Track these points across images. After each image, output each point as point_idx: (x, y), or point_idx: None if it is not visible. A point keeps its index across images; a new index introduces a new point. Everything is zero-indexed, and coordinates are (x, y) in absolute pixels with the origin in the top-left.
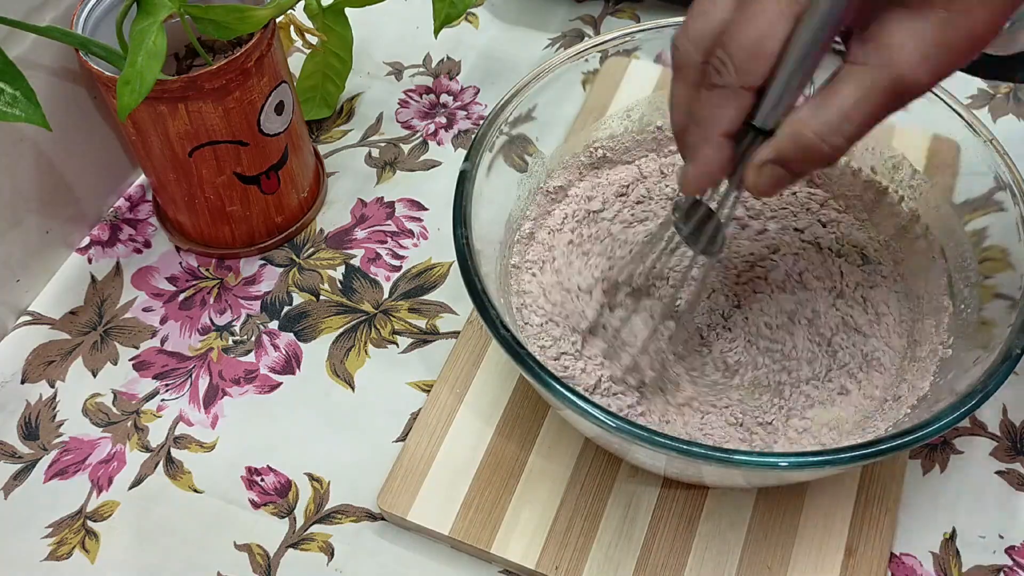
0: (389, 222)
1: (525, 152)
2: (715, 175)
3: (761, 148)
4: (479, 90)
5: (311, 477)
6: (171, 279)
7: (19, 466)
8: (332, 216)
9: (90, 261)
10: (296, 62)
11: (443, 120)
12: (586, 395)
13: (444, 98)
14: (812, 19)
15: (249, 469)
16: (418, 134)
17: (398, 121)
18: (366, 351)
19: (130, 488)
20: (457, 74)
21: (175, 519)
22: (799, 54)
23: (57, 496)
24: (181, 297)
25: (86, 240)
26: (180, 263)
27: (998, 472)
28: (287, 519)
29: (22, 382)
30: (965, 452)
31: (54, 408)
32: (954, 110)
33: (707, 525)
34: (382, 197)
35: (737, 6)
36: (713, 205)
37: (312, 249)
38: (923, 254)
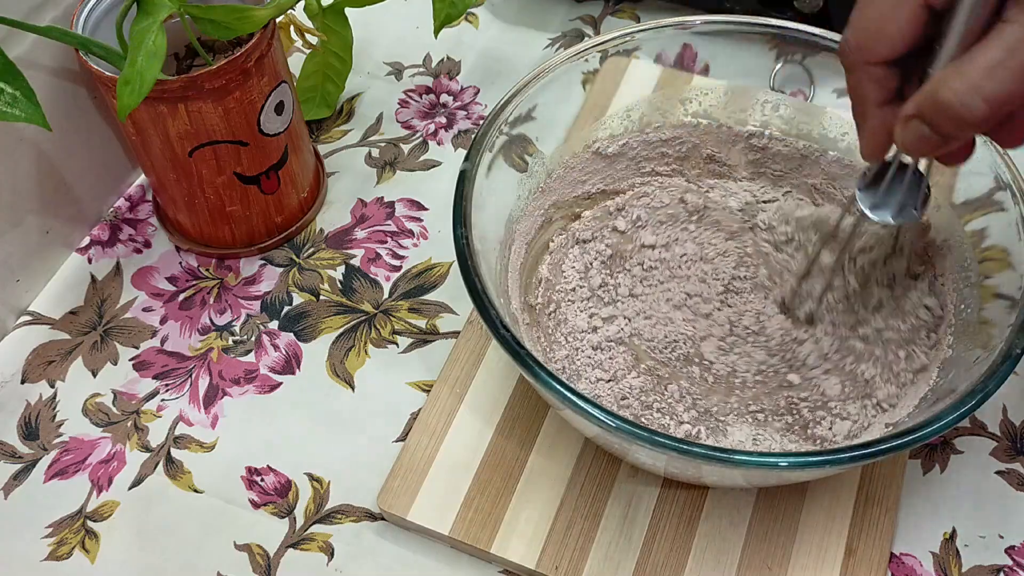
0: (389, 222)
1: (525, 152)
2: (883, 140)
3: (907, 102)
4: (479, 90)
5: (311, 477)
6: (171, 279)
7: (19, 466)
8: (332, 216)
9: (90, 261)
10: (296, 62)
11: (443, 120)
12: (587, 395)
13: (444, 98)
14: None
15: (249, 469)
16: (418, 134)
17: (398, 121)
18: (366, 351)
19: (130, 488)
20: (457, 74)
21: (175, 519)
22: (962, 15)
23: (57, 496)
24: (181, 297)
25: (86, 240)
26: (180, 263)
27: (998, 472)
28: (287, 519)
29: (22, 382)
30: (965, 452)
31: (54, 408)
32: None
33: (707, 525)
34: (382, 197)
35: None
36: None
37: (312, 249)
38: (923, 253)
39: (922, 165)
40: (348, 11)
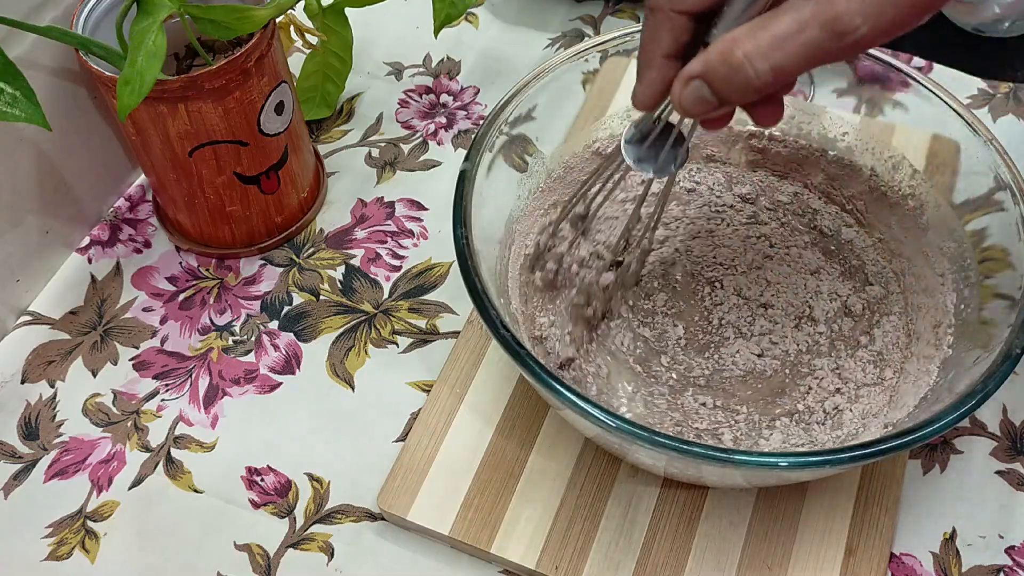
0: (389, 222)
1: (525, 152)
2: (659, 92)
3: (692, 61)
4: (479, 90)
5: (311, 477)
6: (171, 279)
7: (19, 466)
8: (332, 216)
9: (90, 261)
10: (296, 62)
11: (443, 120)
12: (586, 395)
13: (444, 98)
14: None
15: (249, 469)
16: (418, 134)
17: (398, 121)
18: (366, 351)
19: (130, 488)
20: (457, 74)
21: (175, 519)
22: None
23: (57, 496)
24: (181, 297)
25: (86, 240)
26: (180, 263)
27: (998, 472)
28: (287, 519)
29: (22, 382)
30: (965, 452)
31: (54, 408)
32: (954, 110)
33: (707, 525)
34: (382, 197)
35: None
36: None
37: (312, 249)
38: (923, 253)
39: (685, 127)
40: (348, 11)
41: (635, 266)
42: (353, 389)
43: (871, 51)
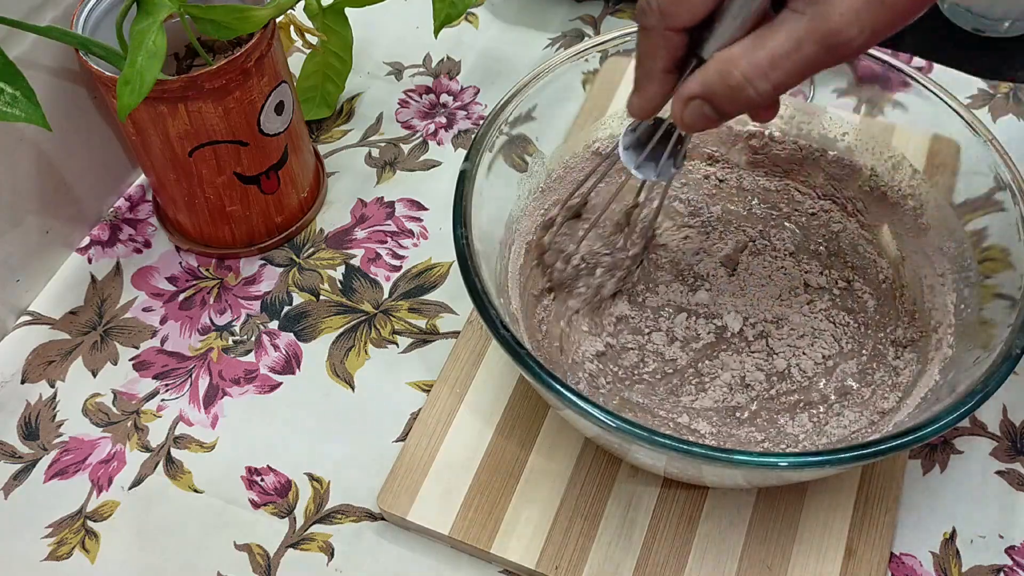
0: (389, 222)
1: (525, 152)
2: (658, 105)
3: (689, 81)
4: (479, 90)
5: (311, 477)
6: (171, 279)
7: (19, 466)
8: (332, 216)
9: (90, 261)
10: (296, 62)
11: (443, 120)
12: (586, 395)
13: (444, 98)
14: None
15: (249, 469)
16: (418, 134)
17: (398, 121)
18: (366, 351)
19: (130, 488)
20: (457, 74)
21: (175, 519)
22: None
23: (57, 496)
24: (181, 297)
25: (86, 240)
26: (180, 263)
27: (998, 472)
28: (287, 519)
29: (22, 382)
30: (965, 452)
31: (54, 408)
32: (954, 110)
33: (707, 525)
34: (382, 197)
35: None
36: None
37: (312, 249)
38: (923, 253)
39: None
40: (348, 11)
41: (636, 252)
42: (353, 389)
43: (871, 51)
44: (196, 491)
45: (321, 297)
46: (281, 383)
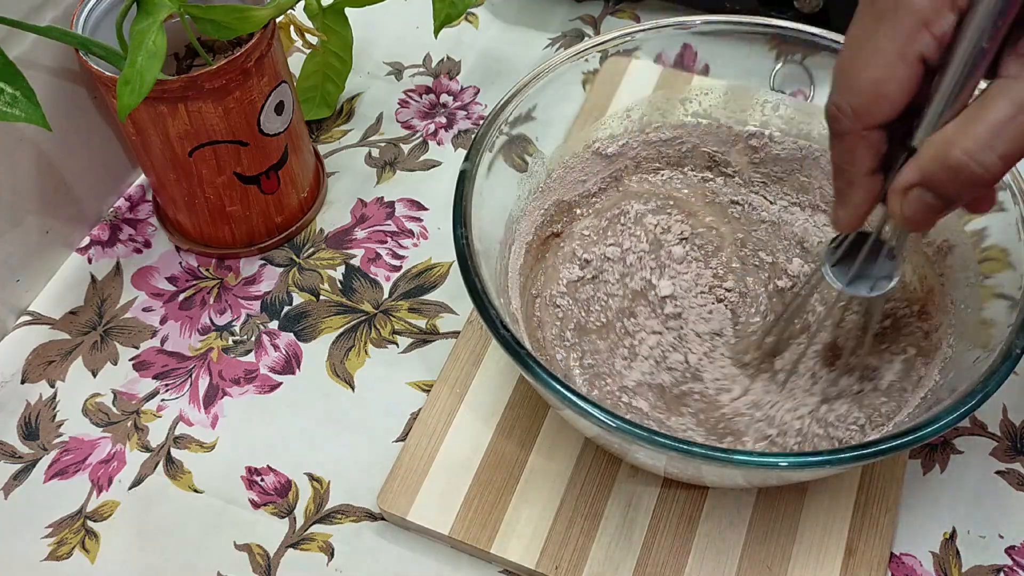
0: (389, 222)
1: (525, 152)
2: (866, 211)
3: (903, 172)
4: (479, 90)
5: (311, 477)
6: (171, 279)
7: (19, 466)
8: (332, 216)
9: (90, 261)
10: (296, 62)
11: (443, 120)
12: (586, 395)
13: (444, 98)
14: (965, 37)
15: (249, 469)
16: (418, 134)
17: (398, 121)
18: (366, 351)
19: (130, 488)
20: (457, 74)
21: (175, 519)
22: (956, 71)
23: (57, 496)
24: (181, 297)
25: (86, 240)
26: (180, 263)
27: (998, 472)
28: (287, 519)
29: (22, 382)
30: (965, 452)
31: (54, 408)
32: None
33: (707, 525)
34: (382, 197)
35: (854, 49)
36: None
37: (312, 249)
38: (923, 253)
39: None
40: (348, 11)
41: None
42: (353, 389)
43: None
44: (196, 491)
45: (321, 297)
46: (281, 383)
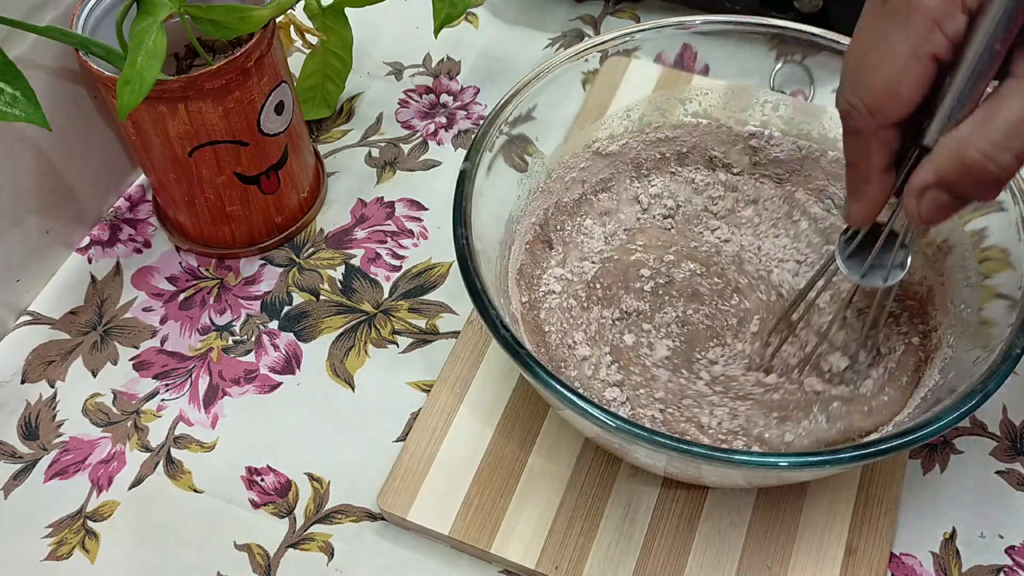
0: (389, 222)
1: (525, 152)
2: (878, 207)
3: (919, 170)
4: (479, 90)
5: (311, 477)
6: (171, 279)
7: (19, 466)
8: (332, 216)
9: (90, 261)
10: (296, 62)
11: (443, 120)
12: (587, 395)
13: (444, 98)
14: (977, 38)
15: (249, 469)
16: (418, 134)
17: (398, 121)
18: (366, 351)
19: (130, 488)
20: (457, 74)
21: (175, 519)
22: (969, 71)
23: (57, 496)
24: (181, 297)
25: (86, 240)
26: (180, 263)
27: (998, 472)
28: (287, 519)
29: (22, 382)
30: (965, 452)
31: (54, 408)
32: None
33: (707, 525)
34: (382, 197)
35: (866, 48)
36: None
37: (312, 249)
38: (922, 253)
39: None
40: (348, 11)
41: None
42: (353, 389)
43: None
44: (196, 491)
45: (321, 297)
46: (281, 383)
